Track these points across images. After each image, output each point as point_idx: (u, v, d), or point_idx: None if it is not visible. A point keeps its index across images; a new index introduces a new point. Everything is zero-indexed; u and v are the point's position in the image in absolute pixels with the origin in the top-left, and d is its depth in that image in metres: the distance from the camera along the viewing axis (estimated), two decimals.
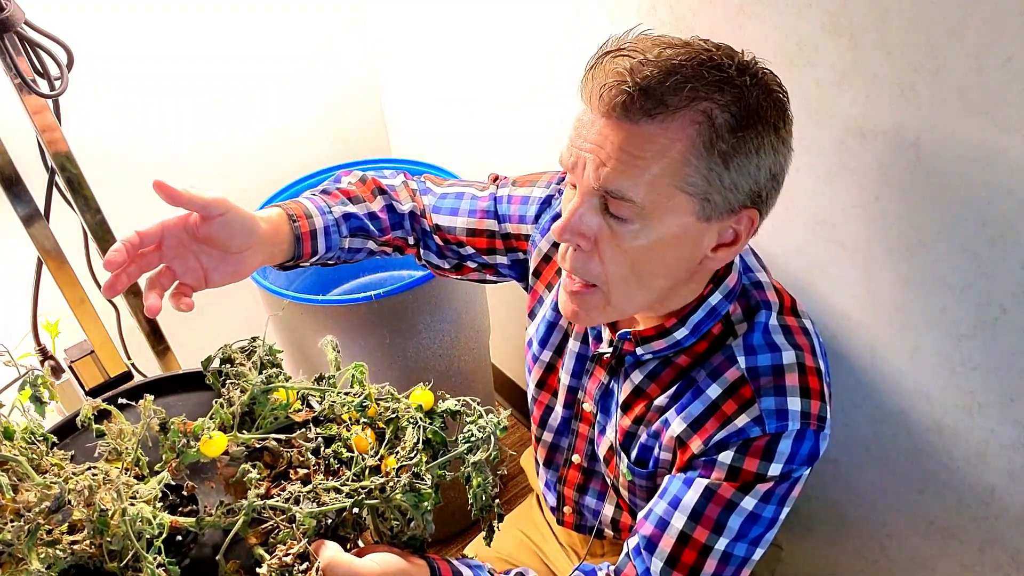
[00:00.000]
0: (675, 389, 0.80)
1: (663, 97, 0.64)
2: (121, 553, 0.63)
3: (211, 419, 0.72)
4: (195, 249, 0.75)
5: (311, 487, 0.69)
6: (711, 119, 0.65)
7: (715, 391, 0.77)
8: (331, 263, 0.92)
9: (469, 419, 0.73)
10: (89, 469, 0.69)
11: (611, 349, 0.85)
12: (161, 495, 0.68)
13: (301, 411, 0.76)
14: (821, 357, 0.78)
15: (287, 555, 0.65)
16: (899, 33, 0.79)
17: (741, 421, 0.74)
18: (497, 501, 0.74)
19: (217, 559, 0.66)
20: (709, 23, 0.97)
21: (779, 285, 0.83)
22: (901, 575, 1.14)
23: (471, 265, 1.01)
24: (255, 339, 0.80)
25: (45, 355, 1.26)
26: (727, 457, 0.74)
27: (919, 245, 0.88)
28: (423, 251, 1.00)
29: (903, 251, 0.90)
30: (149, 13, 1.41)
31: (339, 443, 0.73)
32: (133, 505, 0.64)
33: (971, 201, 0.81)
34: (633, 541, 0.80)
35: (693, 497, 0.75)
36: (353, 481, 0.70)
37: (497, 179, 1.00)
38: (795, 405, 0.74)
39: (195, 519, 0.67)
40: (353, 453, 0.72)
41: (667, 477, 0.80)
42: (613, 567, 0.82)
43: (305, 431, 0.74)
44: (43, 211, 1.12)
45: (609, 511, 0.98)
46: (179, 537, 0.69)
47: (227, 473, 0.72)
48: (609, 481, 0.93)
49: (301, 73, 1.66)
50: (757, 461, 0.73)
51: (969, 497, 0.98)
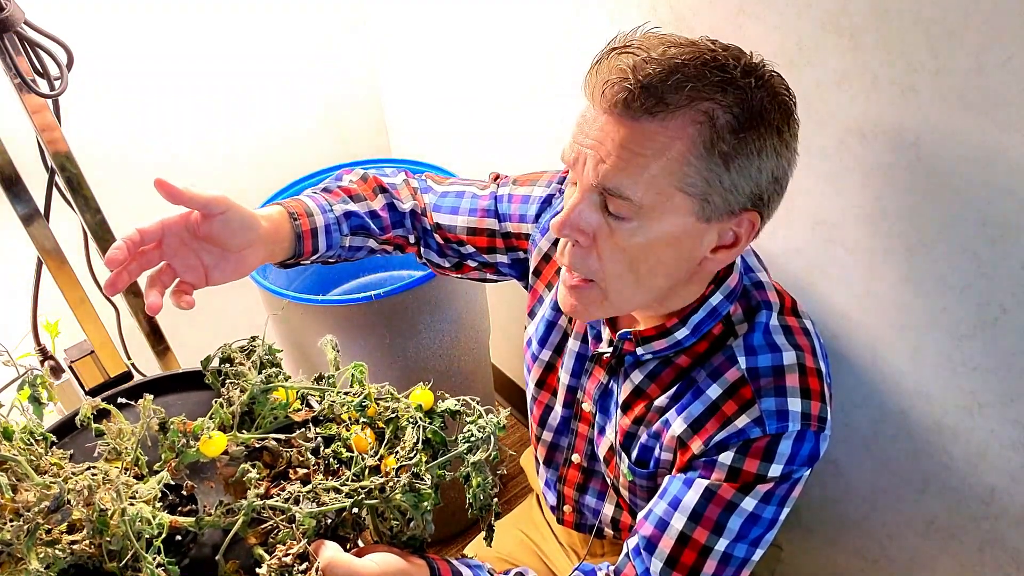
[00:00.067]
0: (675, 389, 0.80)
1: (664, 95, 0.64)
2: (120, 553, 0.63)
3: (211, 419, 0.72)
4: (196, 247, 0.75)
5: (311, 487, 0.69)
6: (712, 119, 0.65)
7: (715, 391, 0.76)
8: (332, 261, 0.92)
9: (469, 419, 0.73)
10: (88, 469, 0.69)
11: (611, 349, 0.85)
12: (160, 495, 0.68)
13: (301, 411, 0.76)
14: (822, 358, 0.78)
15: (287, 555, 0.65)
16: (899, 33, 0.79)
17: (741, 422, 0.74)
18: (496, 501, 0.74)
19: (217, 559, 0.66)
20: (709, 23, 0.97)
21: (779, 286, 0.83)
22: (901, 575, 1.14)
23: (471, 264, 1.01)
24: (254, 339, 0.80)
25: (45, 355, 1.26)
26: (727, 458, 0.74)
27: (919, 245, 0.88)
28: (424, 250, 1.00)
29: (903, 251, 0.89)
30: (149, 13, 1.41)
31: (339, 443, 0.73)
32: (132, 505, 0.64)
33: (971, 201, 0.81)
34: (633, 541, 0.80)
35: (693, 498, 0.75)
36: (353, 481, 0.70)
37: (498, 178, 1.00)
38: (795, 406, 0.74)
39: (195, 519, 0.67)
40: (353, 453, 0.72)
41: (667, 477, 0.80)
42: (613, 567, 0.82)
43: (305, 431, 0.74)
44: (43, 211, 1.12)
45: (609, 510, 0.97)
46: (178, 537, 0.69)
47: (227, 473, 0.72)
48: (609, 481, 0.93)
49: (301, 73, 1.66)
50: (757, 462, 0.73)
51: (969, 497, 0.98)
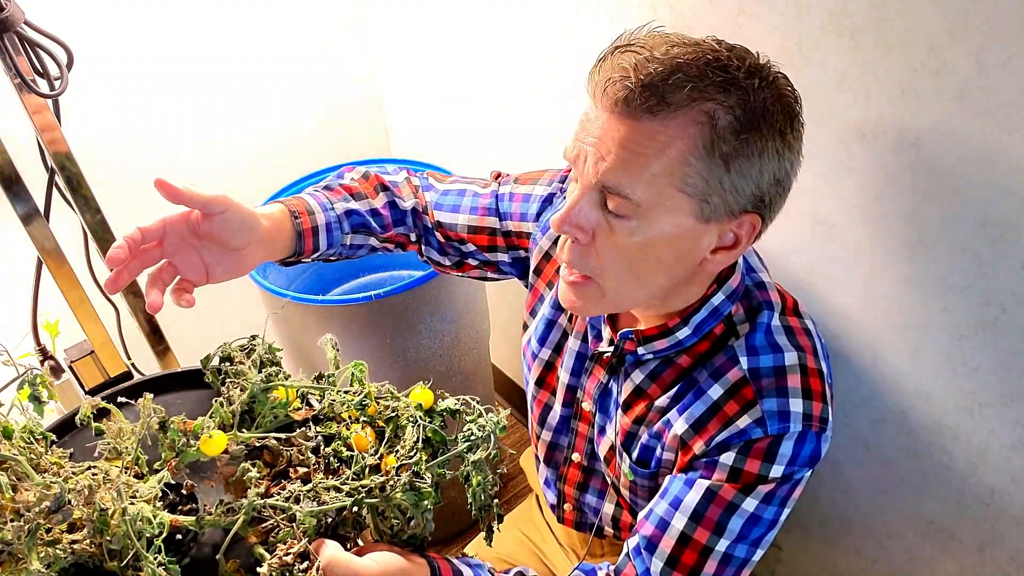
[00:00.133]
0: (676, 390, 0.80)
1: (665, 94, 0.64)
2: (121, 552, 0.63)
3: (211, 418, 0.72)
4: (196, 245, 0.76)
5: (311, 486, 0.69)
6: (713, 120, 0.65)
7: (717, 391, 0.76)
8: (333, 259, 0.93)
9: (469, 418, 0.73)
10: (89, 468, 0.69)
11: (612, 348, 0.85)
12: (161, 494, 0.68)
13: (301, 410, 0.76)
14: (823, 358, 0.78)
15: (287, 554, 0.65)
16: (899, 33, 0.79)
17: (743, 422, 0.74)
18: (496, 500, 0.74)
19: (217, 558, 0.66)
20: (709, 23, 0.97)
21: (780, 287, 0.83)
22: (901, 575, 1.14)
23: (472, 262, 1.01)
24: (254, 337, 0.80)
25: (45, 355, 1.26)
26: (728, 458, 0.74)
27: (919, 245, 0.88)
28: (425, 248, 1.00)
29: (903, 251, 0.89)
30: (149, 13, 1.41)
31: (339, 442, 0.73)
32: (133, 504, 0.64)
33: (971, 201, 0.81)
34: (633, 541, 0.80)
35: (694, 498, 0.75)
36: (353, 480, 0.70)
37: (499, 176, 1.01)
38: (797, 407, 0.74)
39: (195, 518, 0.67)
40: (353, 452, 0.72)
41: (668, 477, 0.80)
42: (613, 567, 0.82)
43: (305, 430, 0.74)
44: (43, 211, 1.12)
45: (609, 509, 0.97)
46: (179, 536, 0.69)
47: (227, 472, 0.72)
48: (610, 480, 0.93)
49: (301, 73, 1.66)
50: (759, 462, 0.73)
51: (969, 497, 0.98)
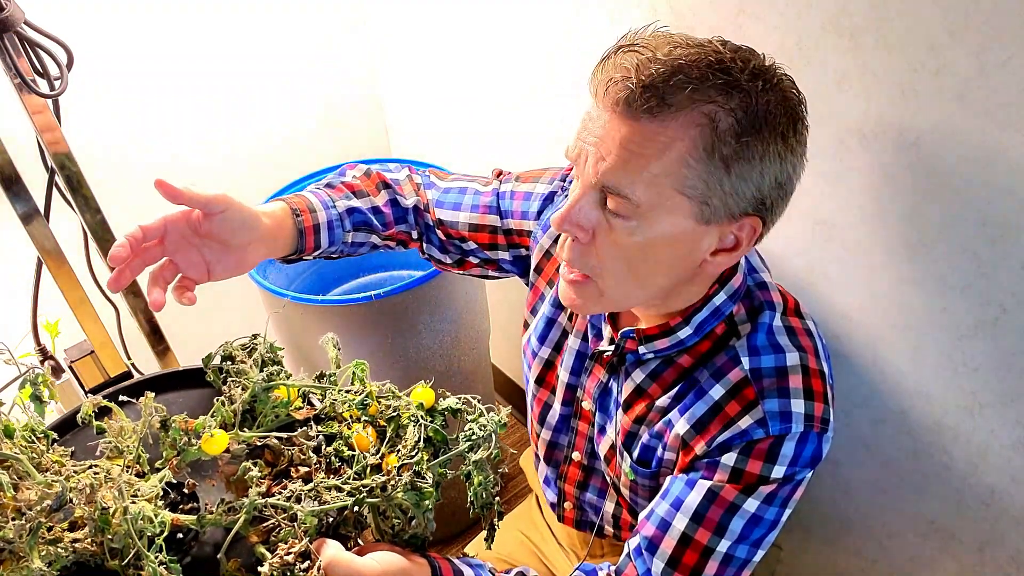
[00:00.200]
0: (677, 390, 0.80)
1: (665, 96, 0.64)
2: (122, 551, 0.63)
3: (212, 417, 0.72)
4: (197, 243, 0.76)
5: (312, 485, 0.69)
6: (714, 122, 0.64)
7: (718, 392, 0.76)
8: (334, 256, 0.93)
9: (470, 417, 0.73)
10: (90, 467, 0.69)
11: (612, 347, 0.85)
12: (162, 493, 0.68)
13: (302, 409, 0.76)
14: (824, 359, 0.78)
15: (288, 554, 0.65)
16: (899, 33, 0.79)
17: (744, 423, 0.74)
18: (497, 499, 0.74)
19: (218, 557, 0.66)
20: (709, 23, 0.97)
21: (780, 287, 0.83)
22: (901, 575, 1.14)
23: (473, 260, 1.01)
24: (256, 336, 0.80)
25: (45, 355, 1.26)
26: (730, 459, 0.74)
27: (919, 245, 0.88)
28: (426, 245, 1.00)
29: (903, 251, 0.90)
30: (149, 13, 1.41)
31: (340, 441, 0.73)
32: (134, 503, 0.64)
33: (971, 201, 0.81)
34: (634, 542, 0.80)
35: (695, 499, 0.75)
36: (354, 479, 0.70)
37: (501, 174, 1.01)
38: (799, 407, 0.74)
39: (196, 517, 0.67)
40: (354, 451, 0.72)
41: (669, 478, 0.80)
42: (614, 567, 0.81)
43: (306, 429, 0.74)
44: (43, 211, 1.12)
45: (610, 507, 0.97)
46: (180, 535, 0.69)
47: (228, 471, 0.72)
48: (610, 480, 0.93)
49: (301, 73, 1.66)
50: (760, 463, 0.73)
51: (969, 497, 0.98)
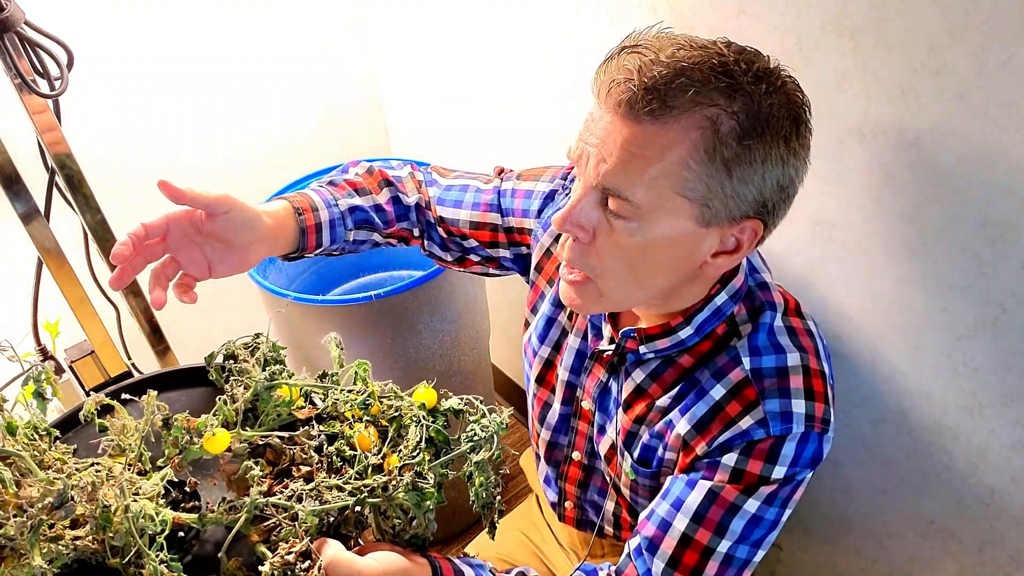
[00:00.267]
0: (678, 390, 0.80)
1: (667, 98, 0.64)
2: (123, 549, 0.63)
3: (214, 415, 0.72)
4: (199, 241, 0.76)
5: (314, 485, 0.69)
6: (716, 125, 0.64)
7: (719, 392, 0.76)
8: (336, 254, 0.93)
9: (472, 418, 0.73)
10: (92, 465, 0.68)
11: (613, 347, 0.85)
12: (163, 491, 0.68)
13: (304, 408, 0.76)
14: (825, 359, 0.78)
15: (289, 553, 0.65)
16: (899, 33, 0.79)
17: (745, 423, 0.74)
18: (499, 499, 0.74)
19: (219, 556, 0.66)
20: (709, 23, 0.97)
21: (781, 288, 0.83)
22: (901, 575, 1.14)
23: (474, 258, 1.01)
24: (258, 335, 0.80)
25: (45, 355, 1.26)
26: (731, 459, 0.74)
27: (919, 245, 0.88)
28: (427, 243, 1.00)
29: (903, 251, 0.90)
30: (149, 13, 1.41)
31: (342, 441, 0.73)
32: (136, 501, 0.64)
33: (971, 201, 0.81)
34: (635, 542, 0.80)
35: (696, 499, 0.75)
36: (356, 479, 0.70)
37: (502, 172, 1.01)
38: (799, 408, 0.74)
39: (197, 516, 0.67)
40: (356, 451, 0.72)
41: (670, 478, 0.80)
42: (614, 567, 0.82)
43: (308, 428, 0.74)
44: (43, 211, 1.12)
45: (610, 506, 0.97)
46: (181, 533, 0.69)
47: (230, 470, 0.72)
48: (610, 480, 0.93)
49: (301, 73, 1.66)
50: (761, 463, 0.73)
51: (969, 497, 0.98)
